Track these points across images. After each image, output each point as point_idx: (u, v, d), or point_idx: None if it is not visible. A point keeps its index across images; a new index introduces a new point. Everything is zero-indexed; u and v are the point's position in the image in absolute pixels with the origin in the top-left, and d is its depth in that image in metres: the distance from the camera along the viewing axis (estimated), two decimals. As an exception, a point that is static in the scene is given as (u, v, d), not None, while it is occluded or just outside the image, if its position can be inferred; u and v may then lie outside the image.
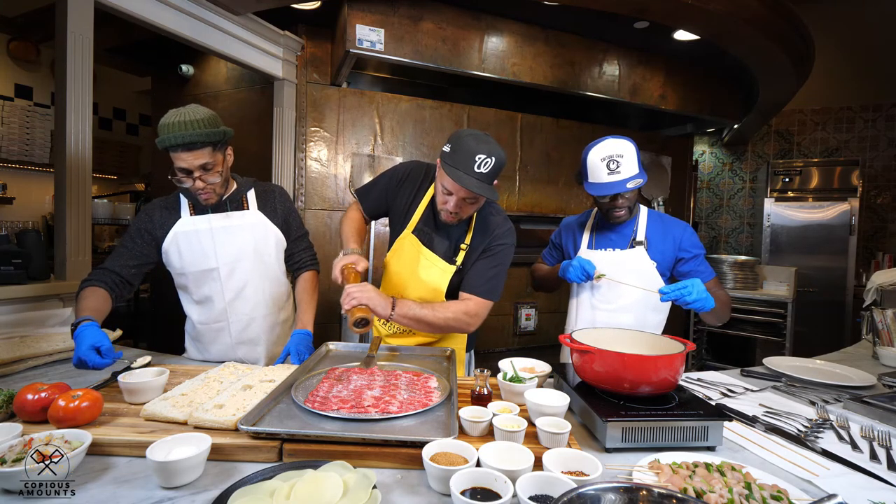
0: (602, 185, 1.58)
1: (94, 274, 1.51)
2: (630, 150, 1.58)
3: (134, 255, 1.55)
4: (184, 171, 1.45)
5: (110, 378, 1.29)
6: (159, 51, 3.76)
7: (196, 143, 1.40)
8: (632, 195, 1.65)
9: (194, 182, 1.47)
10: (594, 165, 1.60)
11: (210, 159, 1.45)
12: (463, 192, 1.39)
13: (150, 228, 1.57)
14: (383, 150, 3.45)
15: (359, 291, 1.35)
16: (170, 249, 1.58)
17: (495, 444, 0.91)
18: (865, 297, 2.57)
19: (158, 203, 1.62)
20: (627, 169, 1.56)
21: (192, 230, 1.58)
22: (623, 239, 1.73)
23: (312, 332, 1.60)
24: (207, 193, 1.52)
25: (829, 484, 0.92)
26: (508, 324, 3.82)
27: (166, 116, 1.42)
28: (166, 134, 1.39)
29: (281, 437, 0.94)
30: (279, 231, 1.70)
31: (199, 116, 1.42)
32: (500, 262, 1.56)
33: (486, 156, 1.33)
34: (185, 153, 1.41)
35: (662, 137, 4.69)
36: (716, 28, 3.10)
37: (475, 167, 1.32)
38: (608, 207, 1.68)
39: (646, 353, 1.12)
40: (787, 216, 4.60)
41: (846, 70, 4.97)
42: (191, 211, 1.60)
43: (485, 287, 1.53)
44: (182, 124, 1.39)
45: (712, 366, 4.33)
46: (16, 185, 4.03)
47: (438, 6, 3.05)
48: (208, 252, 1.59)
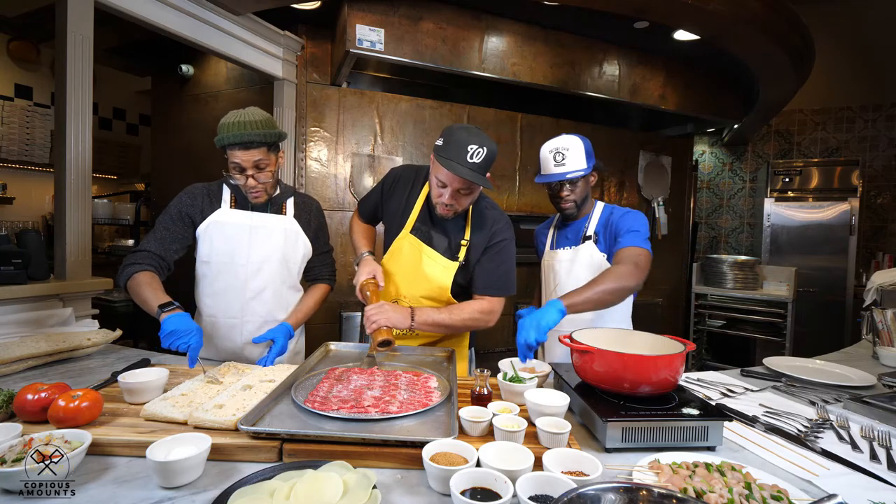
0: (546, 176, 1.71)
1: (141, 257, 1.50)
2: (577, 145, 1.67)
3: (176, 237, 1.58)
4: (238, 168, 1.52)
5: (110, 378, 1.29)
6: (159, 51, 3.76)
7: (253, 142, 1.48)
8: (579, 189, 1.71)
9: (247, 180, 1.54)
10: (544, 157, 1.72)
11: (265, 157, 1.52)
12: (457, 183, 1.42)
13: (192, 212, 1.60)
14: (383, 150, 3.45)
15: (377, 313, 1.39)
16: (203, 236, 1.60)
17: (495, 444, 0.91)
18: (865, 297, 2.57)
19: (202, 188, 1.64)
20: (572, 162, 1.66)
21: (229, 222, 1.61)
22: (577, 236, 1.78)
23: (294, 332, 1.69)
24: (258, 192, 1.58)
25: (829, 484, 0.92)
26: (508, 324, 3.82)
27: (226, 117, 1.50)
28: (225, 133, 1.47)
29: (281, 437, 0.94)
30: (309, 242, 1.74)
31: (256, 118, 1.49)
32: (505, 258, 1.60)
33: (478, 146, 1.36)
34: (241, 151, 1.48)
35: (662, 137, 4.69)
36: (716, 28, 3.10)
37: (468, 157, 1.35)
38: (556, 200, 1.76)
39: (646, 353, 1.11)
40: (787, 216, 4.60)
41: (846, 70, 4.97)
42: (232, 203, 1.64)
43: (495, 285, 1.58)
44: (240, 124, 1.46)
45: (712, 366, 4.33)
46: (16, 185, 4.03)
47: (438, 6, 3.05)
48: (240, 247, 1.61)
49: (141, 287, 1.42)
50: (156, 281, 1.46)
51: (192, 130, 3.79)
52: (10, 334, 1.65)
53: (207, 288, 1.65)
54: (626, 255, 1.54)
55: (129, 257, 1.51)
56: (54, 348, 1.50)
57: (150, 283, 1.43)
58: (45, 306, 1.91)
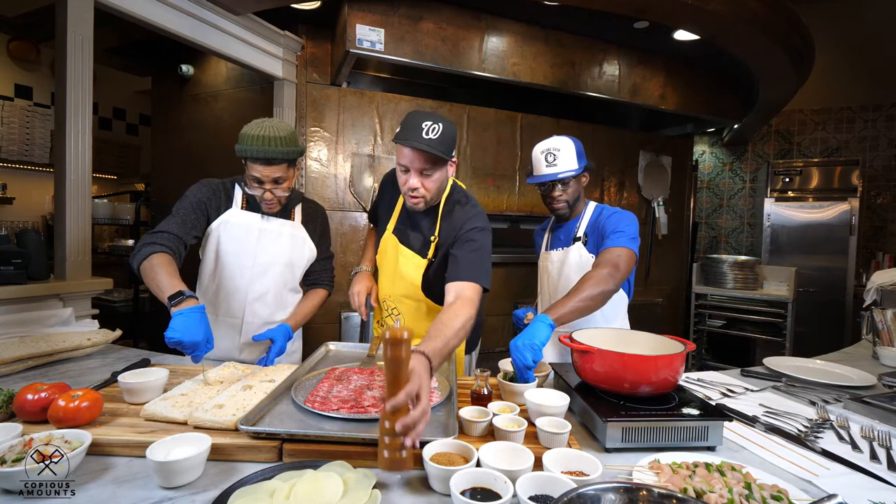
0: (538, 176, 1.73)
1: (161, 238, 1.41)
2: (568, 146, 1.69)
3: (193, 225, 1.52)
4: (257, 180, 1.51)
5: (110, 378, 1.29)
6: (159, 51, 3.76)
7: (276, 159, 1.47)
8: (571, 189, 1.73)
9: (264, 193, 1.54)
10: (536, 158, 1.75)
11: (284, 174, 1.52)
12: (417, 162, 1.38)
13: (209, 206, 1.58)
14: (383, 150, 3.45)
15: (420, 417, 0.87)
16: (212, 234, 1.60)
17: (495, 444, 0.91)
18: (865, 297, 2.57)
19: (219, 184, 1.63)
20: (564, 162, 1.68)
21: (240, 224, 1.61)
22: (568, 237, 1.79)
23: (293, 334, 1.69)
24: (273, 204, 1.58)
25: (829, 484, 0.92)
26: (508, 324, 3.82)
27: (249, 127, 1.47)
28: (248, 145, 1.44)
29: (281, 437, 0.94)
30: (315, 248, 1.75)
31: (281, 134, 1.47)
32: (478, 246, 1.45)
33: (433, 122, 1.34)
34: (262, 166, 1.48)
35: (662, 137, 4.69)
36: (716, 28, 3.10)
37: (423, 133, 1.33)
38: (548, 200, 1.78)
39: (646, 353, 1.11)
40: (787, 216, 4.60)
41: (846, 70, 4.96)
42: (243, 204, 1.64)
43: (467, 272, 1.40)
44: (265, 139, 1.45)
45: (712, 366, 4.33)
46: (16, 185, 4.03)
47: (438, 6, 3.05)
48: (247, 249, 1.61)
49: (155, 270, 1.31)
50: (172, 265, 1.36)
51: (192, 130, 3.79)
52: (10, 334, 1.65)
53: (210, 286, 1.65)
54: (606, 256, 1.52)
55: (147, 237, 1.42)
56: (54, 348, 1.50)
57: (167, 267, 1.33)
58: (45, 306, 1.91)
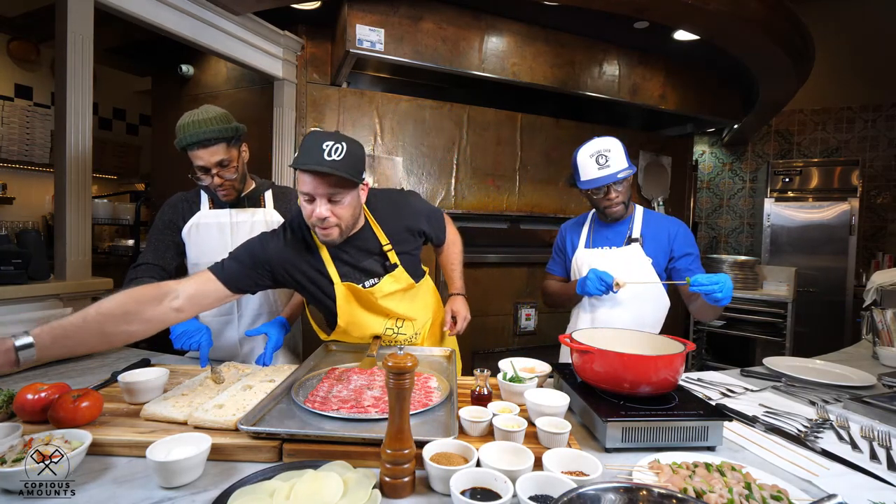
0: (594, 180, 1.65)
1: (141, 271, 1.53)
2: (617, 146, 1.66)
3: (169, 245, 1.61)
4: (202, 168, 1.52)
5: (110, 378, 1.29)
6: (159, 51, 3.75)
7: (210, 139, 1.47)
8: (624, 189, 1.69)
9: (212, 179, 1.54)
10: (584, 163, 1.68)
11: (225, 155, 1.53)
12: (322, 187, 1.19)
13: (175, 219, 1.63)
14: (383, 151, 3.45)
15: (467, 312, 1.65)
16: (188, 240, 1.62)
17: (495, 444, 0.91)
18: (865, 297, 2.57)
19: (180, 196, 1.68)
20: (616, 163, 1.63)
21: (210, 223, 1.63)
22: (619, 237, 1.75)
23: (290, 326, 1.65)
24: (226, 189, 1.58)
25: (829, 484, 0.92)
26: (508, 324, 3.82)
27: (181, 118, 1.49)
28: (182, 134, 1.47)
29: (281, 437, 0.94)
30: None
31: (211, 115, 1.50)
32: (418, 201, 1.59)
33: (335, 142, 1.18)
34: (201, 150, 1.48)
35: (662, 137, 4.69)
36: (716, 28, 3.10)
37: (324, 155, 1.17)
38: (604, 204, 1.70)
39: (646, 353, 1.12)
40: (787, 216, 4.60)
41: (846, 70, 4.96)
42: (210, 205, 1.66)
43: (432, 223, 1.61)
44: (196, 123, 1.46)
45: (712, 366, 4.33)
46: (16, 185, 4.03)
47: (438, 6, 3.05)
48: (223, 245, 1.61)
49: None
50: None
51: (192, 130, 3.78)
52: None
53: None
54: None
55: (131, 272, 1.54)
56: (54, 348, 1.50)
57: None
58: (46, 306, 1.91)
